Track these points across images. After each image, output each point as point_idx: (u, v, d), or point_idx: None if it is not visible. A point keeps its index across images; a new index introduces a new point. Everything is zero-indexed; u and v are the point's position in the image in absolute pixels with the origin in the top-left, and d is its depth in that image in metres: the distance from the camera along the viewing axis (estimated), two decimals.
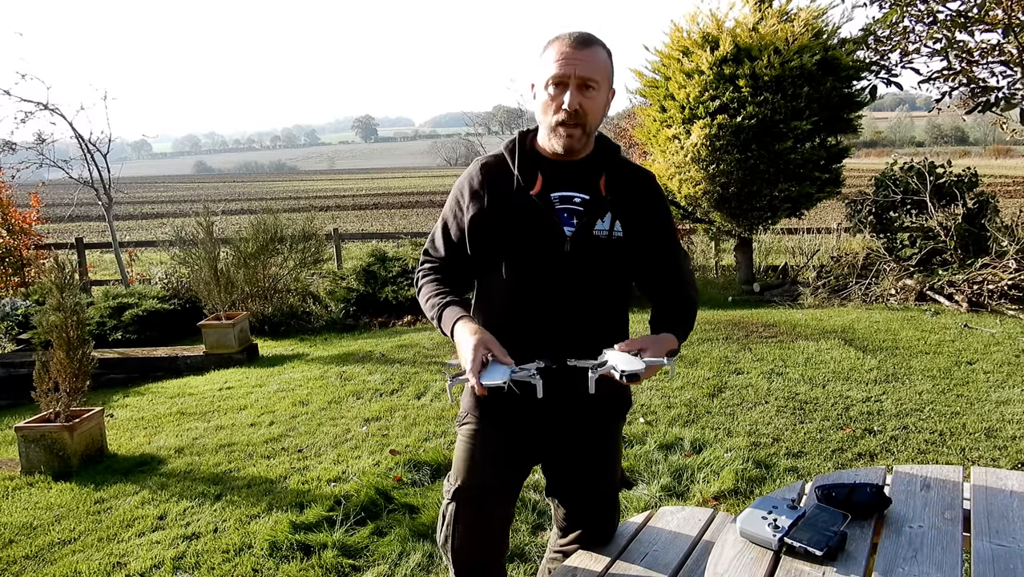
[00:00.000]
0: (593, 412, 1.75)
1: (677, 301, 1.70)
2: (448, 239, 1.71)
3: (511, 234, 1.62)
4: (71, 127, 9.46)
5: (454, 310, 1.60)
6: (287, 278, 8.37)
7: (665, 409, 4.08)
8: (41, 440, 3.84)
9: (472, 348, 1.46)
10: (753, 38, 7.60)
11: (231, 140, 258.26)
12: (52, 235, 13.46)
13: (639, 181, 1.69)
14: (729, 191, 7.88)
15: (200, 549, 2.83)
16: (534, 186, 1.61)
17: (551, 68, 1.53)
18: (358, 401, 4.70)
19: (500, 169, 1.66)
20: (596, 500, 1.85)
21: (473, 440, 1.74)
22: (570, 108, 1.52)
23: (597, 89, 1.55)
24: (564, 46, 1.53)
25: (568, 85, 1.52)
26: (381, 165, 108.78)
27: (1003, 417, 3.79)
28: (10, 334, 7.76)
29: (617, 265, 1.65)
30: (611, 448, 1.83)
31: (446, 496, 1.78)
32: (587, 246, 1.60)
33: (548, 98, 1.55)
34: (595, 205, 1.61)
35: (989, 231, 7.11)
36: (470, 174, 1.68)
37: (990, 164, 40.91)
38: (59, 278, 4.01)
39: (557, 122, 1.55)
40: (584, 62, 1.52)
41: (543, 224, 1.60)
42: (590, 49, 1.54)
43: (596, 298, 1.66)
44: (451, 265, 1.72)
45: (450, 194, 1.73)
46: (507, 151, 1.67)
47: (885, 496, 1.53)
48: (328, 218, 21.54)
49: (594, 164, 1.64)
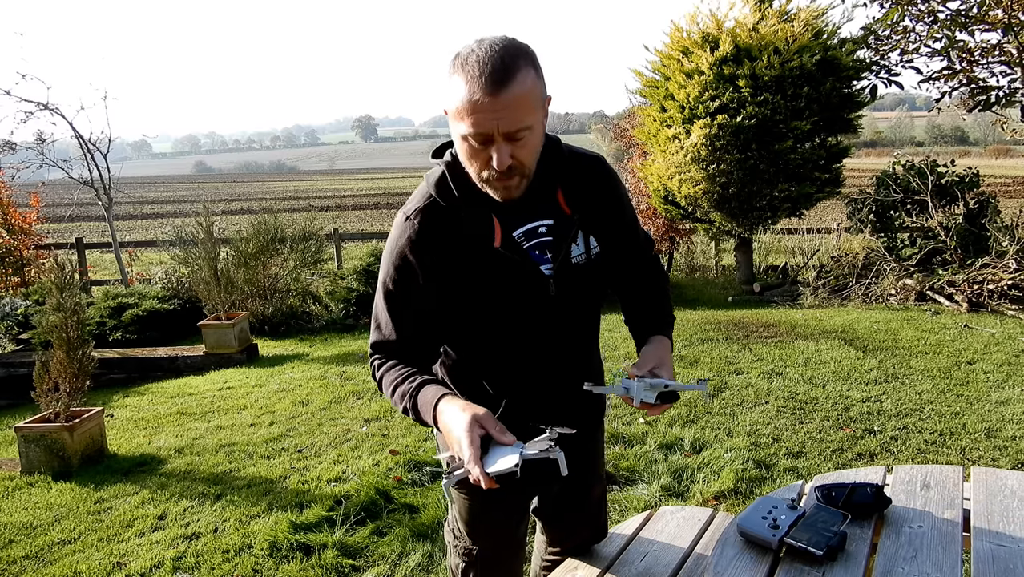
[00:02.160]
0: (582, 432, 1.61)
1: (654, 297, 1.57)
2: (397, 315, 1.41)
3: (485, 295, 1.38)
4: (71, 127, 9.45)
5: (430, 390, 1.33)
6: (287, 278, 8.37)
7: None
8: (41, 440, 3.84)
9: (466, 432, 1.19)
10: (753, 38, 7.61)
11: (231, 140, 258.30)
12: (52, 235, 13.46)
13: (592, 173, 1.46)
14: (729, 191, 7.88)
15: (200, 549, 2.83)
16: (492, 235, 1.34)
17: (465, 123, 1.20)
18: (358, 401, 4.70)
19: (440, 219, 1.35)
20: (591, 507, 1.82)
21: (479, 498, 1.55)
22: (500, 168, 1.23)
23: (530, 130, 1.23)
24: (478, 91, 1.17)
25: (493, 139, 1.21)
26: (381, 165, 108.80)
27: (1003, 417, 3.79)
28: (10, 334, 7.76)
29: (599, 283, 1.50)
30: (598, 456, 1.79)
31: (461, 558, 1.68)
32: (570, 278, 1.41)
33: (470, 149, 1.24)
34: (564, 229, 1.39)
35: (989, 231, 7.11)
36: (407, 237, 1.36)
37: (990, 164, 40.91)
38: (59, 278, 4.01)
39: (488, 177, 1.27)
40: (506, 111, 1.18)
41: (521, 274, 1.37)
42: (509, 88, 1.17)
43: (580, 323, 1.53)
44: (409, 343, 1.42)
45: (384, 265, 1.41)
46: (440, 194, 1.36)
47: (885, 496, 1.53)
48: (328, 218, 21.53)
49: (545, 177, 1.37)
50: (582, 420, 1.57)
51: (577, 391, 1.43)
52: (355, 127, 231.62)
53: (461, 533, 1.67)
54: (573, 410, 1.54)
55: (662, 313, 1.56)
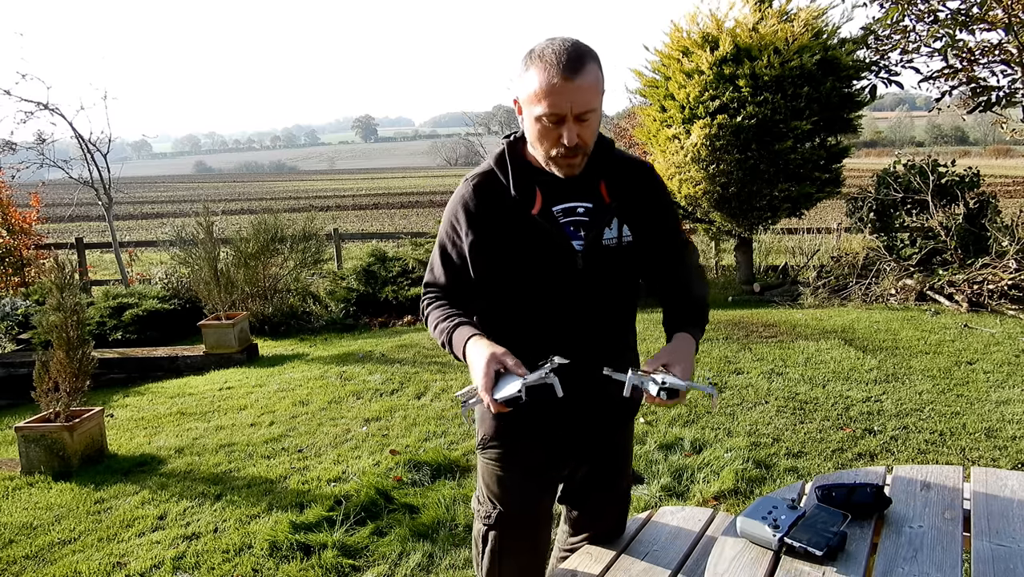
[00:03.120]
0: (611, 417, 1.72)
1: (687, 298, 1.63)
2: (449, 265, 1.61)
3: (519, 258, 1.53)
4: (71, 127, 9.45)
5: (464, 330, 1.50)
6: (287, 278, 8.37)
7: (665, 409, 4.08)
8: (41, 440, 3.84)
9: (484, 364, 1.37)
10: (753, 38, 7.60)
11: (231, 140, 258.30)
12: (52, 235, 13.46)
13: (639, 176, 1.61)
14: (729, 191, 7.88)
15: (200, 549, 2.83)
16: (534, 204, 1.51)
17: (542, 104, 1.39)
18: (358, 401, 4.70)
19: (494, 187, 1.54)
20: (615, 499, 1.86)
21: (504, 463, 1.68)
22: (570, 144, 1.41)
23: (595, 113, 1.43)
24: (554, 76, 1.36)
25: (565, 119, 1.40)
26: (381, 165, 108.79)
27: (1003, 417, 3.79)
28: (10, 334, 7.76)
29: (629, 270, 1.61)
30: (628, 448, 1.85)
31: (483, 521, 1.73)
32: (599, 258, 1.54)
33: (542, 129, 1.43)
34: (600, 213, 1.54)
35: (989, 231, 7.11)
36: (463, 197, 1.56)
37: (990, 164, 40.89)
38: (59, 278, 4.01)
39: (557, 155, 1.45)
40: (579, 93, 1.38)
41: (552, 243, 1.51)
42: (582, 75, 1.38)
43: (610, 306, 1.61)
44: (456, 291, 1.62)
45: (443, 219, 1.61)
46: (497, 164, 1.56)
47: (885, 496, 1.53)
48: (328, 218, 21.53)
49: (592, 168, 1.54)
50: (612, 405, 1.63)
51: (597, 363, 1.51)
52: (355, 127, 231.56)
53: (485, 499, 1.74)
54: (602, 394, 1.59)
55: (691, 312, 1.61)
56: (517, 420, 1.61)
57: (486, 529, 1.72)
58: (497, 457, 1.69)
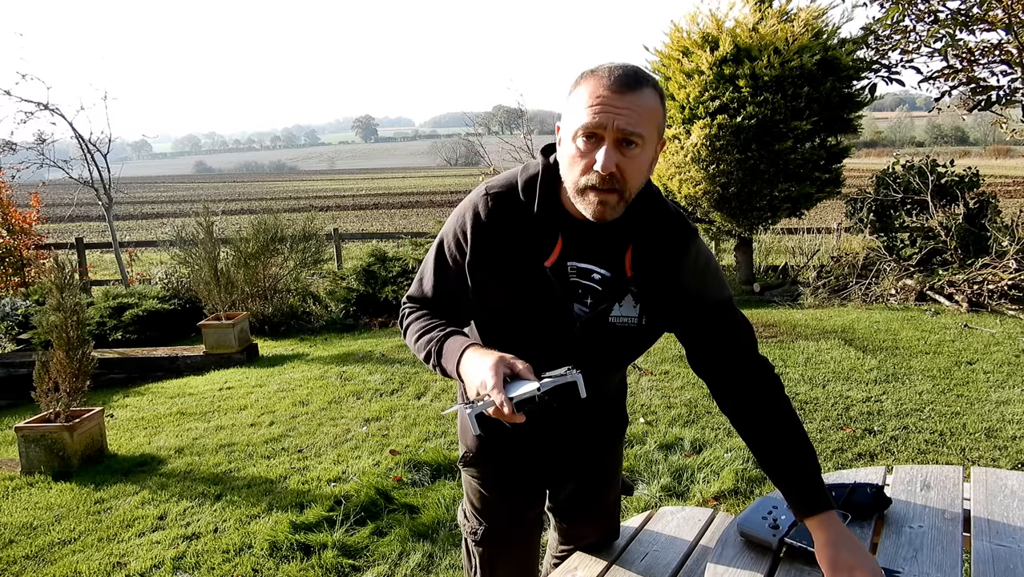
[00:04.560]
0: (597, 435, 1.68)
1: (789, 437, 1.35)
2: (441, 278, 1.42)
3: (515, 302, 1.36)
4: (71, 127, 9.47)
5: (458, 340, 1.31)
6: (287, 278, 8.37)
7: (665, 409, 4.08)
8: (41, 440, 3.84)
9: (492, 365, 1.19)
10: (753, 38, 7.60)
11: (231, 140, 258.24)
12: (52, 235, 13.46)
13: (668, 241, 1.35)
14: (729, 191, 7.88)
15: (200, 549, 2.83)
16: (550, 254, 1.31)
17: (583, 115, 1.19)
18: (358, 401, 4.70)
19: (513, 211, 1.33)
20: (602, 512, 1.84)
21: (486, 481, 1.64)
22: (604, 171, 1.18)
23: (641, 146, 1.20)
24: (602, 88, 1.18)
25: (604, 139, 1.18)
26: (381, 165, 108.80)
27: (1003, 417, 3.78)
28: (10, 334, 7.76)
29: (632, 347, 1.44)
30: (617, 464, 1.81)
31: (471, 537, 1.71)
32: (599, 332, 1.36)
33: (576, 152, 1.21)
34: (614, 287, 1.34)
35: (989, 231, 7.11)
36: (476, 208, 1.34)
37: (990, 164, 40.90)
38: (59, 278, 4.01)
39: (587, 185, 1.21)
40: (627, 111, 1.17)
41: (553, 302, 1.33)
42: (636, 94, 1.18)
43: (603, 373, 1.49)
44: (442, 303, 1.43)
45: (448, 225, 1.40)
46: (524, 191, 1.33)
47: (885, 496, 1.52)
48: (328, 218, 21.53)
49: (624, 228, 1.32)
50: (597, 433, 1.63)
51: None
52: (355, 127, 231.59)
53: (470, 515, 1.71)
54: (591, 414, 1.56)
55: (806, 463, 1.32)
56: (500, 439, 1.56)
57: (473, 544, 1.70)
58: (479, 475, 1.63)
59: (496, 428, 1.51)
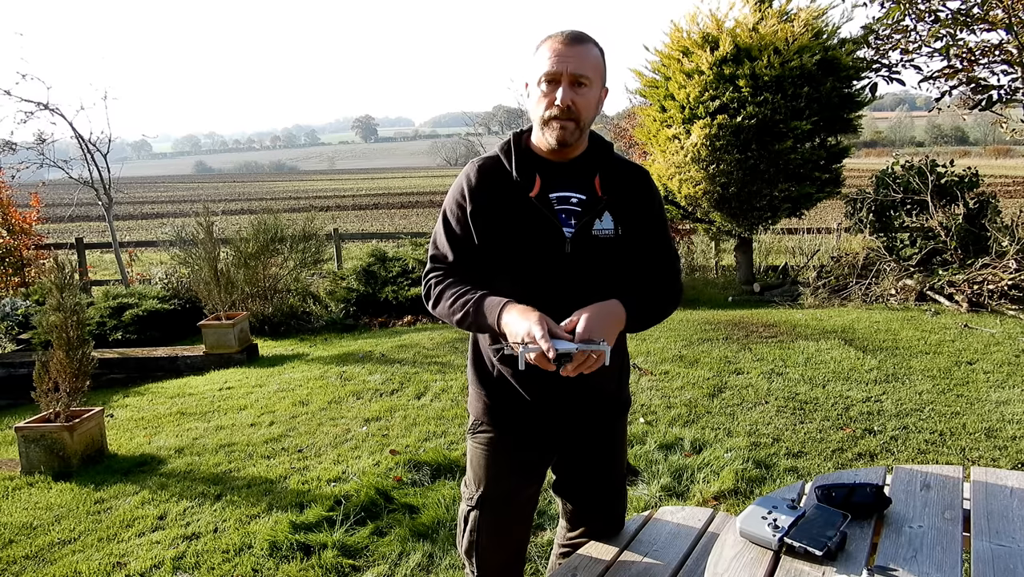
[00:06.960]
0: (600, 409, 1.78)
1: (645, 289, 1.67)
2: (453, 238, 1.68)
3: (512, 236, 1.62)
4: (71, 127, 9.47)
5: (496, 298, 1.55)
6: (287, 278, 8.37)
7: (665, 409, 4.08)
8: (41, 440, 3.84)
9: (538, 320, 1.44)
10: (753, 38, 7.61)
11: (231, 140, 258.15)
12: (52, 235, 13.47)
13: (634, 179, 1.70)
14: (729, 191, 7.88)
15: (200, 549, 2.83)
16: (532, 187, 1.62)
17: (544, 65, 1.56)
18: (358, 401, 4.70)
19: (497, 170, 1.66)
20: (607, 491, 1.88)
21: (491, 448, 1.77)
22: (563, 104, 1.54)
23: (589, 86, 1.57)
24: (556, 43, 1.56)
25: (560, 82, 1.54)
26: (381, 165, 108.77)
27: (1003, 417, 3.78)
28: (10, 334, 7.76)
29: (617, 263, 1.66)
30: (620, 441, 1.88)
31: (467, 503, 1.82)
32: (587, 246, 1.62)
33: (541, 94, 1.58)
34: (592, 205, 1.63)
35: (989, 231, 7.11)
36: (467, 174, 1.68)
37: (990, 164, 40.91)
38: (59, 278, 4.01)
39: (550, 116, 1.56)
40: (576, 59, 1.54)
41: (543, 226, 1.60)
42: (582, 46, 1.56)
43: (597, 295, 1.61)
44: (462, 265, 1.68)
45: (448, 196, 1.71)
46: (503, 152, 1.67)
47: (885, 496, 1.53)
48: (328, 218, 21.54)
49: (589, 163, 1.67)
50: (602, 394, 1.75)
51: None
52: (355, 127, 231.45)
53: (471, 481, 1.83)
54: (592, 386, 1.68)
55: (641, 298, 1.63)
56: (508, 404, 1.72)
57: (468, 509, 1.81)
58: (486, 441, 1.77)
59: (509, 391, 1.71)
